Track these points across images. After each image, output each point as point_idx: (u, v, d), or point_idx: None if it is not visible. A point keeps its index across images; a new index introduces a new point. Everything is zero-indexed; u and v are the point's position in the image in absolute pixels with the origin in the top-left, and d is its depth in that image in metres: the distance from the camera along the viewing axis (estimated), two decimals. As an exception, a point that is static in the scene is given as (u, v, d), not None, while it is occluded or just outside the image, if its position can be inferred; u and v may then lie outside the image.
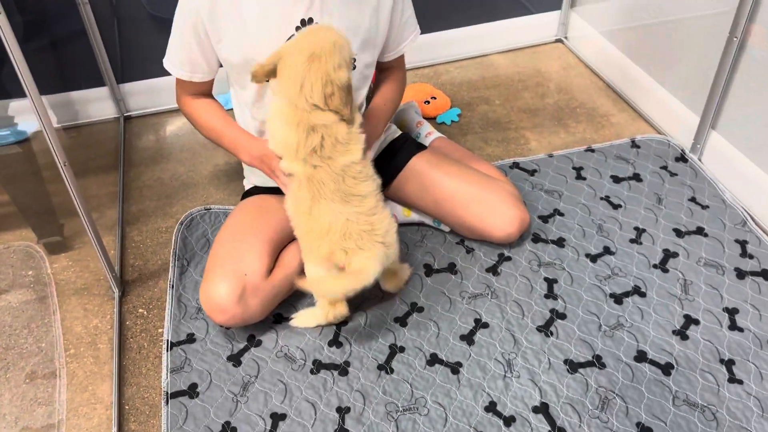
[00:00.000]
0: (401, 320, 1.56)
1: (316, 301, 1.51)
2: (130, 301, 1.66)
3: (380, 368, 1.46)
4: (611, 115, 2.24)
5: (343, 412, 1.38)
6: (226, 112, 1.56)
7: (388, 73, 1.66)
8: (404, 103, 2.10)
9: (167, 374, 1.47)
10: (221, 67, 1.51)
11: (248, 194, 1.68)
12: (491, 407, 1.38)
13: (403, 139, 1.76)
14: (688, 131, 2.01)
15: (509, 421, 1.35)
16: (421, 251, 1.73)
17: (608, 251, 1.71)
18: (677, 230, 1.76)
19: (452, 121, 2.22)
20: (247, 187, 1.74)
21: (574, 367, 1.44)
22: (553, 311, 1.56)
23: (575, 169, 1.98)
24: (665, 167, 1.97)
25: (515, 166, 2.00)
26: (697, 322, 1.53)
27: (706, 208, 1.83)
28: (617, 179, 1.93)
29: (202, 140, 2.14)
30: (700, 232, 1.75)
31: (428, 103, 2.24)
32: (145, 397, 1.45)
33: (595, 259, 1.69)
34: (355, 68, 1.47)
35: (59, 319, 1.62)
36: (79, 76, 2.18)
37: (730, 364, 1.44)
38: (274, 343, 1.52)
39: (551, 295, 1.60)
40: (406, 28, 1.57)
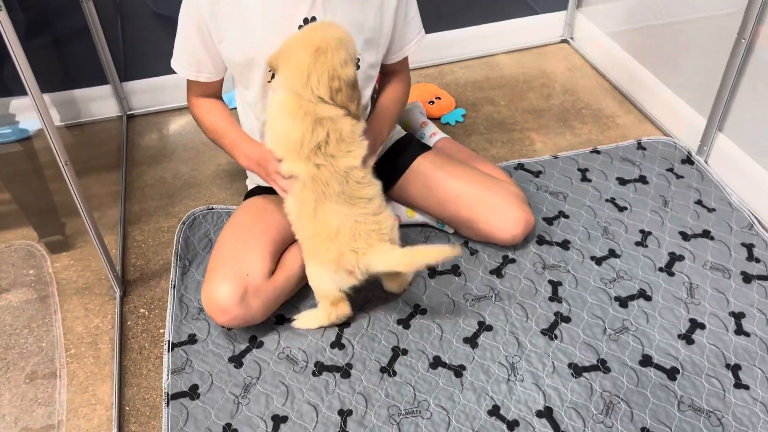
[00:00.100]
0: (404, 322, 1.55)
1: (318, 302, 1.50)
2: (131, 301, 1.65)
3: (383, 371, 1.45)
4: (617, 116, 2.22)
5: (345, 414, 1.37)
6: (230, 113, 1.55)
7: (392, 76, 1.65)
8: (409, 103, 2.09)
9: (168, 375, 1.46)
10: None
11: (251, 194, 1.67)
12: (494, 411, 1.37)
13: (407, 139, 1.75)
14: (694, 133, 1.99)
15: (512, 425, 1.34)
16: (424, 253, 1.71)
17: (613, 254, 1.69)
18: (683, 233, 1.75)
19: (457, 121, 2.21)
20: (249, 186, 1.73)
21: (578, 371, 1.43)
22: (557, 314, 1.55)
23: (580, 170, 1.97)
24: (671, 169, 1.96)
25: (520, 167, 1.99)
26: (702, 326, 1.52)
27: (712, 211, 1.81)
28: (623, 181, 1.92)
29: (205, 139, 2.13)
30: (706, 235, 1.74)
31: (433, 103, 2.23)
32: (145, 398, 1.44)
33: (600, 261, 1.68)
34: (359, 68, 1.46)
35: (60, 318, 1.61)
36: (81, 74, 2.18)
37: (736, 369, 1.43)
38: (275, 344, 1.51)
39: (556, 297, 1.59)
40: (409, 30, 1.56)
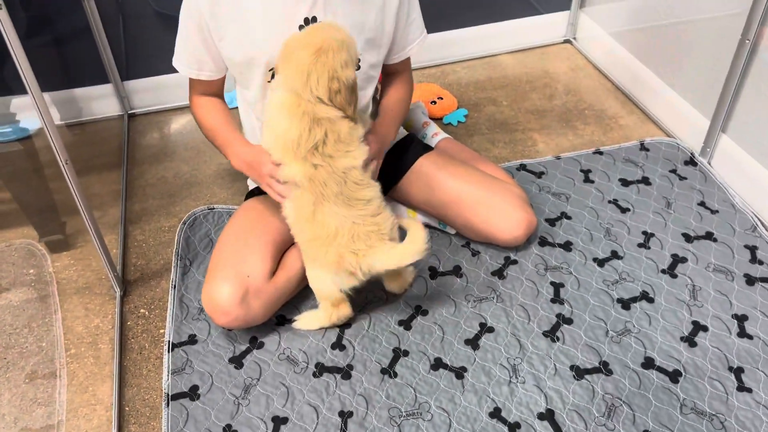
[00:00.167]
0: (405, 323, 1.54)
1: (319, 303, 1.50)
2: (131, 301, 1.64)
3: (384, 372, 1.44)
4: (620, 117, 2.21)
5: (345, 416, 1.36)
6: (229, 113, 1.55)
7: (395, 77, 1.64)
8: (411, 103, 2.08)
9: (168, 375, 1.45)
10: None
11: (252, 194, 1.67)
12: (496, 413, 1.36)
13: (409, 139, 1.74)
14: (697, 134, 1.98)
15: (514, 427, 1.33)
16: (426, 253, 1.70)
17: (616, 255, 1.69)
18: (686, 235, 1.74)
19: (459, 121, 2.20)
20: (251, 186, 1.72)
21: (580, 373, 1.42)
22: (559, 316, 1.54)
23: (583, 171, 1.96)
24: (674, 171, 1.95)
25: (522, 168, 1.98)
26: (705, 328, 1.51)
27: (715, 212, 1.80)
28: (626, 182, 1.91)
29: (206, 139, 2.12)
30: (709, 237, 1.73)
31: (435, 103, 2.22)
32: (145, 398, 1.43)
33: (602, 263, 1.67)
34: (359, 68, 1.46)
35: (60, 318, 1.60)
36: (83, 72, 2.17)
37: (739, 372, 1.42)
38: (276, 345, 1.50)
39: (558, 299, 1.58)
40: (411, 30, 1.55)
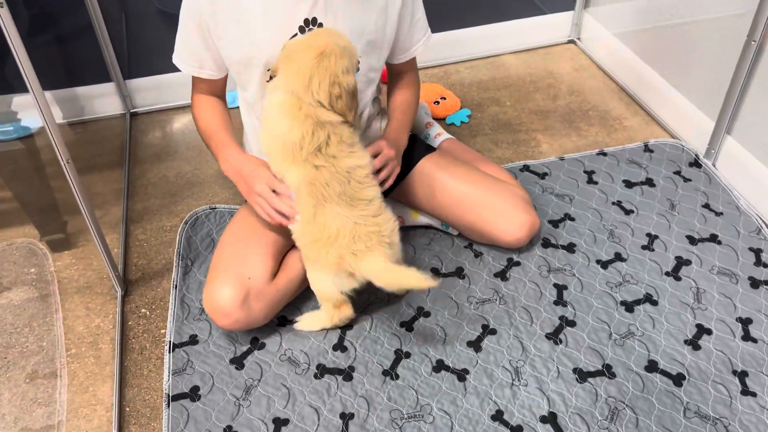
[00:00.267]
0: (407, 325, 1.53)
1: (320, 304, 1.49)
2: (132, 300, 1.64)
3: (385, 374, 1.44)
4: (624, 118, 2.20)
5: (346, 418, 1.36)
6: (227, 116, 1.53)
7: (400, 77, 1.63)
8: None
9: (169, 376, 1.45)
10: None
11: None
12: (498, 416, 1.35)
13: (412, 140, 1.73)
14: (702, 136, 1.97)
15: (516, 430, 1.33)
16: (428, 255, 1.70)
17: (620, 258, 1.68)
18: (690, 237, 1.73)
19: (462, 122, 2.20)
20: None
21: (583, 376, 1.41)
22: (562, 318, 1.53)
23: (587, 172, 1.95)
24: (679, 172, 1.94)
25: (525, 169, 1.97)
26: (709, 331, 1.50)
27: (719, 215, 1.79)
28: (629, 184, 1.90)
29: (208, 138, 2.12)
30: (713, 239, 1.72)
31: (438, 103, 2.22)
32: (146, 399, 1.43)
33: (606, 265, 1.66)
34: (359, 71, 1.45)
35: (61, 317, 1.60)
36: (85, 71, 2.17)
37: (743, 375, 1.41)
38: (277, 346, 1.50)
39: (561, 301, 1.57)
40: (416, 31, 1.54)
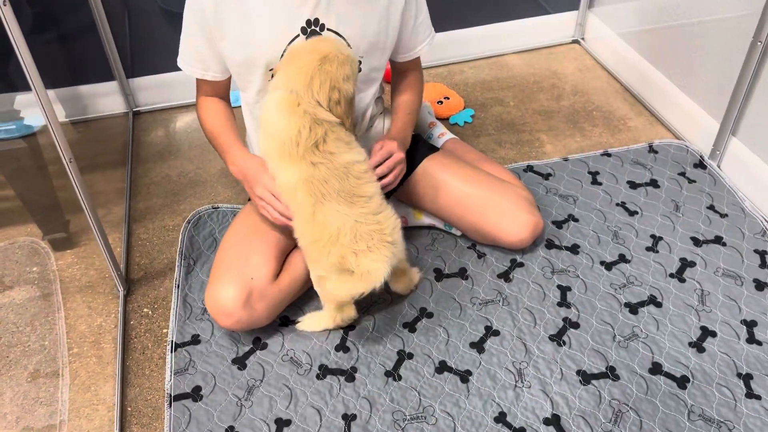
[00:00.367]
0: (410, 326, 1.53)
1: (323, 304, 1.48)
2: (135, 300, 1.63)
3: (388, 375, 1.43)
4: (628, 118, 2.20)
5: (348, 419, 1.35)
6: (232, 118, 1.54)
7: (404, 75, 1.63)
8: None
9: (171, 376, 1.44)
10: None
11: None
12: (501, 418, 1.35)
13: (415, 140, 1.72)
14: (707, 137, 1.96)
15: (519, 432, 1.32)
16: (431, 255, 1.69)
17: (624, 259, 1.67)
18: (695, 239, 1.72)
19: (465, 122, 2.19)
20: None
21: (586, 378, 1.41)
22: (566, 320, 1.53)
23: (591, 173, 1.94)
24: (683, 173, 1.93)
25: (529, 169, 1.96)
26: (714, 334, 1.49)
27: (724, 216, 1.78)
28: (634, 185, 1.89)
29: (211, 137, 2.12)
30: (718, 241, 1.71)
31: (441, 103, 2.21)
32: (148, 399, 1.42)
33: (610, 266, 1.65)
34: (360, 71, 1.46)
35: (63, 316, 1.60)
36: (88, 70, 2.16)
37: (747, 378, 1.40)
38: (280, 346, 1.49)
39: (564, 303, 1.56)
40: (420, 32, 1.54)
